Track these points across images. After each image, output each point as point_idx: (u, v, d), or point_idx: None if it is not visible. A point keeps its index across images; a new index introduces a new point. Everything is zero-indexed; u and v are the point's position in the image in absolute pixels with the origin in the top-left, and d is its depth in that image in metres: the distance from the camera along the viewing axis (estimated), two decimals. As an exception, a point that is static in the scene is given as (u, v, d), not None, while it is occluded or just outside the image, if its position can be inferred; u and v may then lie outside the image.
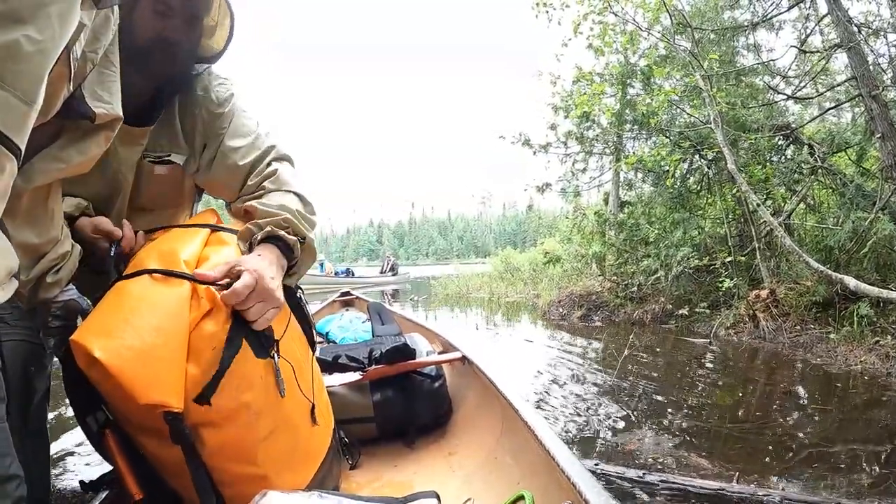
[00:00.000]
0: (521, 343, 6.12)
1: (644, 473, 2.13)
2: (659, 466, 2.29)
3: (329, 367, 1.88)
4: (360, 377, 1.79)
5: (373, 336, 2.60)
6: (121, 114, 0.96)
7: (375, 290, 16.26)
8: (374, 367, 1.85)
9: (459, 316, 9.42)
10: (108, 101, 0.94)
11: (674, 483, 2.05)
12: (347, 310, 3.75)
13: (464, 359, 1.99)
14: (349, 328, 2.85)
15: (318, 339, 2.76)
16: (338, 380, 1.77)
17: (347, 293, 4.33)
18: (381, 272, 21.17)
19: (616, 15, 6.85)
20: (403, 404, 1.81)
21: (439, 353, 2.16)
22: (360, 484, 1.54)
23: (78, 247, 1.08)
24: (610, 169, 9.50)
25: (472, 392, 1.90)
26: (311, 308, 2.62)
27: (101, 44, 0.89)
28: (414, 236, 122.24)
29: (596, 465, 2.24)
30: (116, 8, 0.92)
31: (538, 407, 3.25)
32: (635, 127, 8.01)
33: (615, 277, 7.96)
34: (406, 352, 1.89)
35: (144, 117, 1.26)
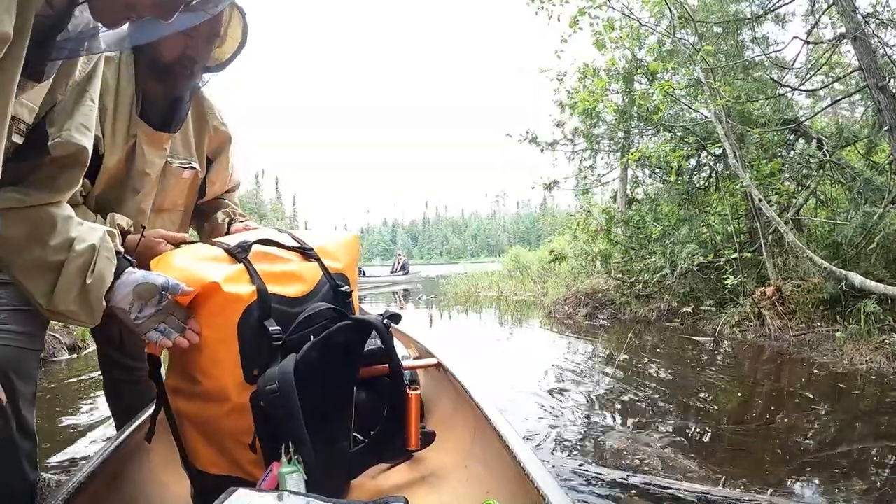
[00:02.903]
0: (523, 343, 6.09)
1: (628, 475, 2.09)
2: (645, 468, 2.24)
3: None
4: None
5: None
6: (87, 146, 1.00)
7: (387, 290, 16.29)
8: None
9: (461, 316, 9.40)
10: (75, 131, 0.98)
11: (658, 486, 2.01)
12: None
13: (439, 365, 1.96)
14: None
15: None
16: None
17: None
18: (392, 271, 21.20)
19: (615, 9, 6.77)
20: (375, 407, 1.78)
21: (415, 358, 2.14)
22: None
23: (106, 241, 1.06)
24: (617, 166, 9.41)
25: (445, 399, 1.87)
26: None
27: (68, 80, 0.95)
28: (428, 235, 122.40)
29: (580, 465, 2.21)
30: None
31: (539, 405, 3.22)
32: (641, 123, 7.92)
33: (621, 275, 7.88)
34: (381, 355, 1.87)
35: (166, 124, 1.43)
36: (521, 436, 1.35)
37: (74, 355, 5.02)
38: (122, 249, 1.08)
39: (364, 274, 19.57)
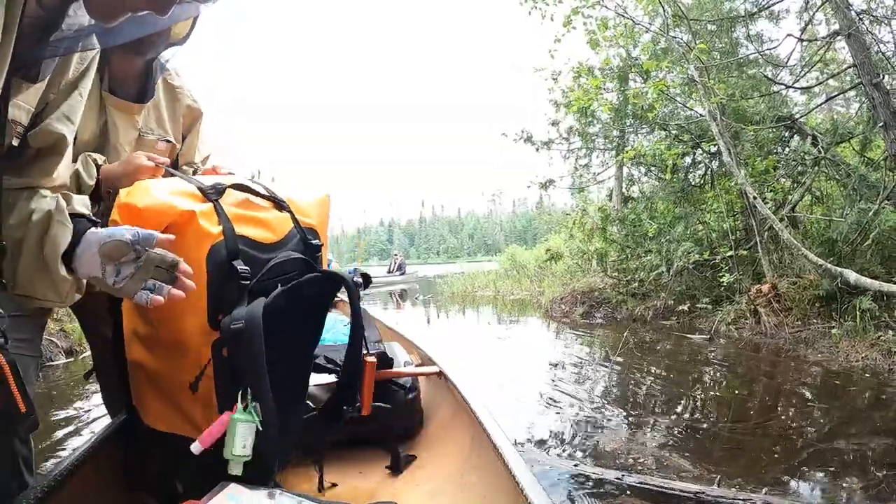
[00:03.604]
0: (519, 342, 6.08)
1: (623, 475, 2.08)
2: (640, 468, 2.24)
3: None
4: (336, 379, 1.76)
5: None
6: (66, 135, 0.95)
7: (384, 291, 16.27)
8: None
9: (458, 315, 9.40)
10: (55, 121, 0.94)
11: (652, 486, 2.01)
12: (331, 311, 3.72)
13: (440, 374, 1.96)
14: (330, 329, 2.81)
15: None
16: (313, 379, 1.74)
17: None
18: (389, 272, 21.18)
19: (608, 8, 6.78)
20: (375, 412, 1.78)
21: (417, 365, 2.14)
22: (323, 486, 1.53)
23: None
24: (612, 165, 9.41)
25: (444, 407, 1.87)
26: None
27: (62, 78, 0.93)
28: (424, 235, 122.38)
29: (575, 465, 2.20)
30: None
31: (536, 407, 3.22)
32: (635, 121, 7.93)
33: (617, 274, 7.89)
34: (384, 360, 1.86)
35: (138, 96, 1.48)
36: (519, 440, 1.36)
37: (71, 359, 5.00)
38: (85, 211, 0.97)
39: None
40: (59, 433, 2.89)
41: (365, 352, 1.51)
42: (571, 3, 6.75)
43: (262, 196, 1.25)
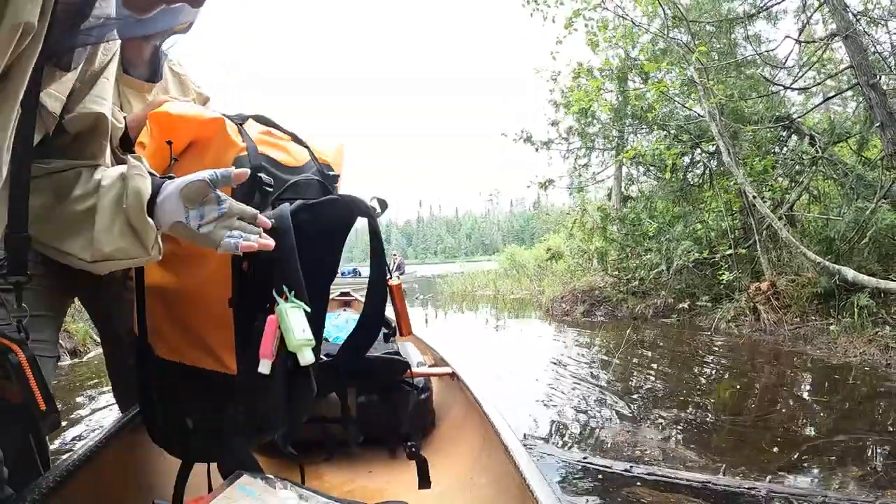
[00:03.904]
0: (523, 340, 6.13)
1: (631, 466, 2.14)
2: (647, 459, 2.30)
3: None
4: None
5: None
6: (105, 112, 0.95)
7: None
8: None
9: (459, 315, 9.44)
10: (89, 102, 0.93)
11: (661, 476, 2.06)
12: (345, 310, 3.77)
13: (453, 375, 1.97)
14: (344, 328, 2.85)
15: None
16: None
17: (346, 293, 4.36)
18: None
19: (608, 10, 6.84)
20: (387, 412, 1.81)
21: (430, 366, 2.16)
22: (332, 484, 1.54)
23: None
24: (612, 164, 9.47)
25: (456, 409, 1.88)
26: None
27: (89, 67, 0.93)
28: (422, 235, 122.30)
29: (584, 458, 2.26)
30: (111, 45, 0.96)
31: (542, 401, 3.28)
32: (635, 122, 7.98)
33: (617, 273, 7.95)
34: (397, 365, 1.89)
35: (149, 76, 1.58)
36: (528, 435, 1.36)
37: (76, 360, 5.03)
38: (155, 172, 0.97)
39: (360, 274, 19.52)
40: (65, 430, 2.93)
41: (388, 277, 1.50)
42: (572, 5, 6.81)
43: (282, 130, 1.30)
